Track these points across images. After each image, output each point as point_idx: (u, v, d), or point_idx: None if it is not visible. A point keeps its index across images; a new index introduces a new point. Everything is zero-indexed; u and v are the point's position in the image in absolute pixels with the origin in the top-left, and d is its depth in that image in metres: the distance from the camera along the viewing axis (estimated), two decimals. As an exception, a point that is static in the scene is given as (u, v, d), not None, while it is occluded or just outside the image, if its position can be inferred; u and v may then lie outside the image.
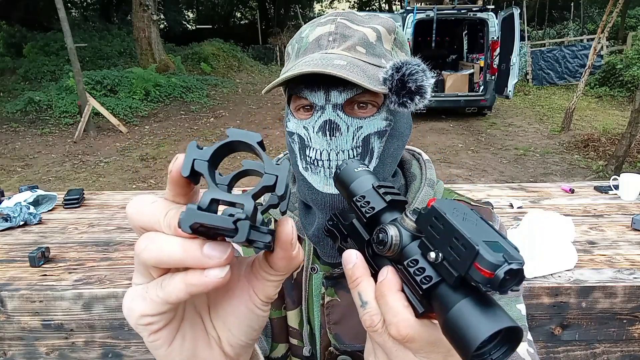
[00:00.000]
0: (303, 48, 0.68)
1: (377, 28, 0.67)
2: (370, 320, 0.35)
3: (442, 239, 0.32)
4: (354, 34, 0.66)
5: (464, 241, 0.30)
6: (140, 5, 12.17)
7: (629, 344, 1.64)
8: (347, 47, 0.64)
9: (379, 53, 0.66)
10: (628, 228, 2.02)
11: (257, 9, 23.56)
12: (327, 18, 0.69)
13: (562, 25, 17.95)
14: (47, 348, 1.66)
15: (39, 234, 2.12)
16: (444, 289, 0.32)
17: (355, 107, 0.65)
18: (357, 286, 0.36)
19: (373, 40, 0.66)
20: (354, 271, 0.37)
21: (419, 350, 0.35)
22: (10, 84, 11.89)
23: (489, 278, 0.29)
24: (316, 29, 0.68)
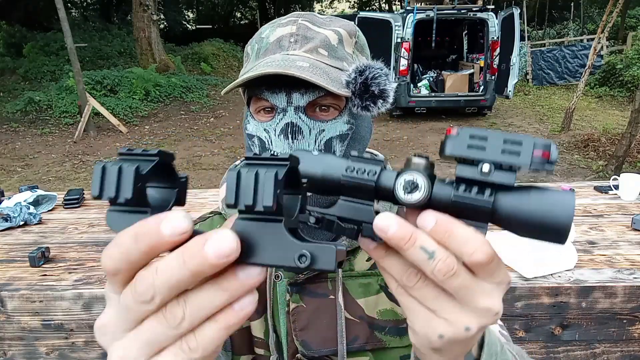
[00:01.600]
0: (263, 49, 0.66)
1: (338, 31, 0.67)
2: (446, 265, 0.31)
3: (490, 149, 0.31)
4: (315, 35, 0.65)
5: (515, 138, 0.31)
6: (140, 5, 12.17)
7: (629, 344, 1.64)
8: (309, 49, 0.64)
9: (341, 56, 0.65)
10: (628, 228, 2.02)
11: (257, 9, 23.57)
12: (288, 19, 0.68)
13: (562, 25, 17.95)
14: (47, 348, 1.66)
15: (39, 234, 2.12)
16: (506, 196, 0.32)
17: (317, 109, 0.64)
18: (415, 241, 0.32)
19: (335, 43, 0.66)
20: (403, 228, 0.32)
21: (494, 269, 0.33)
22: (10, 84, 11.89)
23: (547, 159, 0.31)
24: (277, 29, 0.67)
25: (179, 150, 7.40)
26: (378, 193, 0.34)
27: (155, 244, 0.26)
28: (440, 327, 0.34)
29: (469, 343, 0.37)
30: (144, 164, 0.28)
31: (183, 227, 0.26)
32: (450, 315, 0.33)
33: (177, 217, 0.26)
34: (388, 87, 0.59)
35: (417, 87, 9.19)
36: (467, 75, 9.21)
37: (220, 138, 8.04)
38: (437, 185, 0.33)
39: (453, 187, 0.33)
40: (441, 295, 0.33)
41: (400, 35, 8.34)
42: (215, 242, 0.25)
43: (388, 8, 24.81)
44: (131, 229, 0.26)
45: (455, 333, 0.34)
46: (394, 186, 0.33)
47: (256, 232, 0.28)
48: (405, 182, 0.33)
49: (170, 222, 0.26)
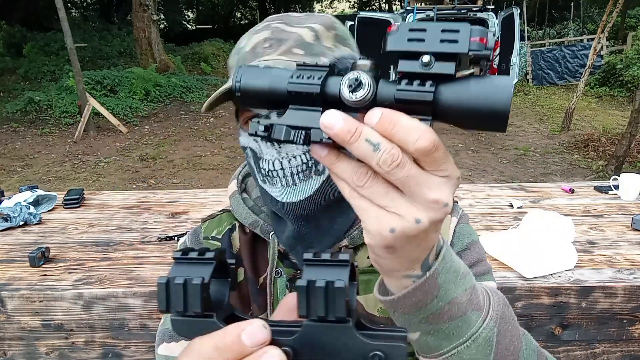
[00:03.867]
0: (241, 59, 0.66)
1: (313, 27, 0.66)
2: (391, 155, 0.32)
3: (429, 40, 0.32)
4: (289, 36, 0.65)
5: (452, 27, 0.31)
6: (140, 5, 12.17)
7: (629, 344, 1.64)
8: (284, 51, 0.63)
9: (318, 52, 0.65)
10: (628, 228, 2.02)
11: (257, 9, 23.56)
12: (263, 24, 0.68)
13: (562, 25, 17.94)
14: (47, 348, 1.66)
15: (39, 234, 2.12)
16: (447, 86, 0.32)
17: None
18: (360, 134, 0.32)
19: (310, 40, 0.65)
20: (348, 122, 0.32)
21: (440, 160, 0.33)
22: (10, 84, 11.89)
23: (484, 44, 0.31)
24: (252, 37, 0.67)
25: (179, 150, 7.40)
26: (325, 97, 0.34)
27: (238, 355, 0.28)
28: (391, 222, 0.35)
29: (421, 242, 0.38)
30: (204, 268, 0.29)
31: (263, 338, 0.28)
32: (400, 209, 0.34)
33: (257, 329, 0.28)
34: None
35: (417, 87, 9.18)
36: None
37: (220, 138, 8.04)
38: (381, 84, 0.34)
39: (396, 84, 0.33)
40: (391, 190, 0.34)
41: (400, 35, 8.34)
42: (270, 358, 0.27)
43: (388, 8, 24.80)
44: (211, 341, 0.29)
45: (406, 226, 0.34)
46: (339, 87, 0.33)
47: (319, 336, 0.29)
48: (349, 79, 0.33)
49: (251, 334, 0.28)
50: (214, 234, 0.80)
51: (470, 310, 0.46)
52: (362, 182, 0.34)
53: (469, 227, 0.78)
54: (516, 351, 0.50)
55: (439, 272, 0.43)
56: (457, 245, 0.76)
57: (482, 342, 0.46)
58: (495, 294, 0.51)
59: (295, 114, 0.35)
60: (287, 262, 0.75)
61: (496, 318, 0.48)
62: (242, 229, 0.79)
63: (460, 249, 0.75)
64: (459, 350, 0.46)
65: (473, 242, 0.77)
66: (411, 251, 0.39)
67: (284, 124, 0.34)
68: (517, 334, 0.51)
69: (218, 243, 0.78)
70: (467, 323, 0.45)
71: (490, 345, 0.47)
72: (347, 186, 0.36)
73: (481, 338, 0.46)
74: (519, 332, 0.52)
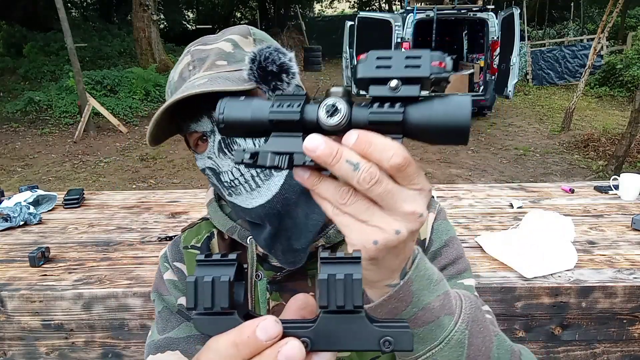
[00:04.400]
0: (173, 90, 0.69)
1: (230, 38, 0.69)
2: (369, 173, 0.35)
3: (395, 67, 0.35)
4: (209, 53, 0.67)
5: (414, 53, 0.35)
6: (140, 5, 12.17)
7: (629, 344, 1.64)
8: (207, 67, 0.65)
9: (241, 58, 0.66)
10: (628, 228, 2.02)
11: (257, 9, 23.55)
12: (184, 54, 0.71)
13: (562, 25, 17.94)
14: (47, 348, 1.66)
15: (39, 234, 2.12)
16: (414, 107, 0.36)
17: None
18: (341, 156, 0.35)
19: (230, 50, 0.67)
20: (330, 145, 0.34)
21: (413, 174, 0.36)
22: (10, 84, 11.89)
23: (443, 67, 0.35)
24: (177, 67, 0.70)
25: (179, 150, 7.40)
26: (304, 123, 0.36)
27: (255, 350, 0.30)
28: (374, 235, 0.37)
29: (400, 252, 0.41)
30: (227, 269, 0.32)
31: (276, 332, 0.30)
32: (381, 223, 0.37)
33: (270, 324, 0.30)
34: (285, 59, 0.59)
35: (417, 87, 9.17)
36: (467, 76, 9.20)
37: (220, 138, 8.03)
38: (355, 108, 0.36)
39: (369, 108, 0.36)
40: (371, 206, 0.37)
41: (400, 35, 8.34)
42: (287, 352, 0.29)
43: (388, 8, 24.79)
44: (230, 338, 0.30)
45: (387, 238, 0.37)
46: (317, 113, 0.36)
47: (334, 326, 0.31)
48: (326, 106, 0.36)
49: (265, 329, 0.29)
50: (192, 242, 0.80)
51: (443, 315, 0.48)
52: (344, 200, 0.37)
53: (447, 223, 0.79)
54: (487, 351, 0.53)
55: (412, 280, 0.46)
56: (436, 242, 0.76)
57: (455, 344, 0.49)
58: (467, 298, 0.54)
59: (278, 140, 0.37)
60: (266, 265, 0.75)
61: (467, 321, 0.50)
62: (221, 235, 0.79)
63: (439, 245, 0.75)
64: (433, 353, 0.49)
65: (452, 238, 0.77)
66: (392, 261, 0.42)
67: (268, 150, 0.37)
68: (488, 335, 0.53)
69: (197, 252, 0.79)
70: (440, 327, 0.48)
71: (462, 347, 0.50)
72: (329, 205, 0.38)
73: (453, 340, 0.49)
74: (490, 333, 0.54)
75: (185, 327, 0.76)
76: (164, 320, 0.78)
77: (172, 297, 0.78)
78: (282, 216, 0.67)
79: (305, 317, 0.33)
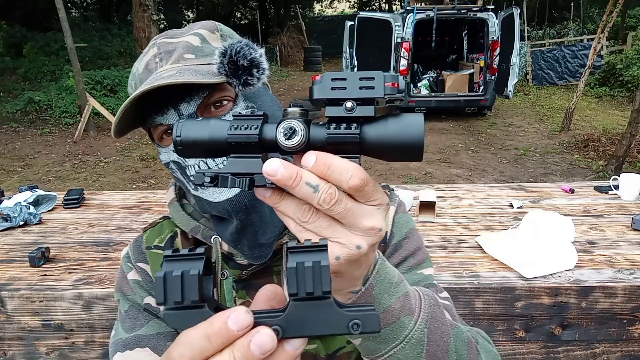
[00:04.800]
0: (138, 82, 0.68)
1: (198, 32, 0.69)
2: (329, 195, 0.36)
3: (350, 88, 0.36)
4: (176, 46, 0.67)
5: (368, 75, 0.36)
6: (140, 5, 12.15)
7: (629, 344, 1.64)
8: (175, 60, 0.65)
9: (209, 52, 0.67)
10: (628, 228, 2.02)
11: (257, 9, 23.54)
12: (149, 45, 0.70)
13: (562, 25, 17.92)
14: (47, 348, 1.66)
15: (39, 234, 2.12)
16: (370, 126, 0.37)
17: (211, 109, 0.66)
18: (301, 179, 0.36)
19: (198, 44, 0.67)
20: (289, 169, 0.35)
21: (371, 192, 0.38)
22: (10, 84, 11.88)
23: (397, 87, 0.36)
24: (142, 58, 0.69)
25: (179, 150, 7.40)
26: (263, 144, 0.37)
27: (226, 341, 0.30)
28: (336, 250, 0.39)
29: (362, 264, 0.42)
30: (196, 263, 0.32)
31: (247, 322, 0.30)
32: (342, 239, 0.38)
33: (241, 314, 0.30)
34: (255, 55, 0.59)
35: (417, 87, 9.19)
36: (467, 75, 9.20)
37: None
38: (312, 128, 0.37)
39: (326, 128, 0.37)
40: (333, 223, 0.38)
41: (400, 35, 8.34)
42: (259, 340, 0.30)
43: (388, 8, 24.78)
44: (200, 330, 0.30)
45: (349, 253, 0.39)
46: (275, 135, 0.37)
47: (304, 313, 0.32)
48: (284, 129, 0.37)
49: (236, 319, 0.30)
50: (156, 242, 0.79)
51: (403, 315, 0.51)
52: (306, 218, 0.38)
53: (406, 215, 0.81)
54: (446, 346, 0.56)
55: (374, 285, 0.48)
56: (397, 234, 0.78)
57: (415, 342, 0.52)
58: (426, 296, 0.56)
59: (237, 162, 0.38)
60: (232, 264, 0.75)
61: (426, 319, 0.53)
62: (184, 235, 0.79)
63: (400, 237, 0.77)
64: (395, 351, 0.51)
65: (411, 230, 0.79)
66: (354, 272, 0.43)
67: (228, 172, 0.37)
68: (446, 331, 0.56)
69: (161, 251, 0.78)
70: (401, 327, 0.51)
71: (422, 344, 0.53)
72: (292, 222, 0.39)
73: (414, 339, 0.52)
74: (448, 328, 0.57)
75: (154, 325, 0.75)
76: (132, 319, 0.76)
77: (137, 297, 0.77)
78: (249, 210, 0.67)
79: (275, 307, 0.34)
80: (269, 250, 0.70)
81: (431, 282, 0.75)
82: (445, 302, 0.69)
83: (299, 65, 17.16)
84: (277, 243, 0.73)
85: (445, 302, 0.68)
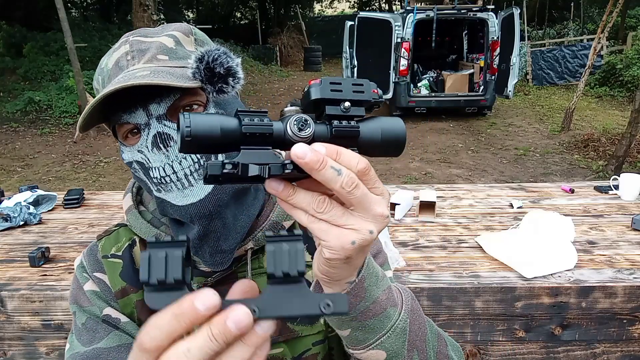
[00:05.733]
0: (106, 78, 0.67)
1: (172, 34, 0.68)
2: (350, 178, 0.39)
3: (345, 91, 0.41)
4: (150, 45, 0.66)
5: (358, 81, 0.42)
6: (140, 5, 12.15)
7: (629, 344, 1.64)
8: (148, 59, 0.64)
9: (183, 55, 0.66)
10: (628, 228, 2.02)
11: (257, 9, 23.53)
12: (121, 41, 0.69)
13: (562, 25, 17.92)
14: (47, 348, 1.66)
15: (39, 234, 2.12)
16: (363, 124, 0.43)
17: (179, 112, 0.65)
18: (327, 162, 0.38)
19: (172, 46, 0.66)
20: (316, 153, 0.38)
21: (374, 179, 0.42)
22: (10, 84, 11.88)
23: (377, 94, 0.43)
24: (112, 54, 0.68)
25: (179, 150, 7.40)
26: (273, 138, 0.40)
27: (194, 320, 0.31)
28: (351, 236, 0.41)
29: (367, 250, 0.46)
30: (178, 248, 0.34)
31: (214, 303, 0.31)
32: (355, 225, 0.41)
33: (208, 295, 0.31)
34: (232, 64, 0.60)
35: (417, 87, 9.18)
36: (467, 75, 9.20)
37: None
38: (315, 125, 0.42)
39: (326, 124, 0.41)
40: (346, 212, 0.41)
41: (400, 35, 8.33)
42: (235, 317, 0.31)
43: (388, 8, 24.78)
44: (168, 311, 0.31)
45: (363, 237, 0.42)
46: (286, 127, 0.40)
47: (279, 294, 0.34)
48: (297, 120, 0.40)
49: (203, 300, 0.31)
50: (112, 251, 0.77)
51: (389, 307, 0.55)
52: (321, 209, 0.40)
53: None
54: (423, 336, 0.60)
55: (365, 277, 0.51)
56: None
57: (399, 332, 0.56)
58: (405, 290, 0.61)
59: (250, 153, 0.39)
60: (196, 272, 0.73)
61: (408, 310, 0.58)
62: (143, 243, 0.77)
63: None
64: (382, 341, 0.55)
65: None
66: (359, 259, 0.46)
67: (248, 162, 0.39)
68: (423, 322, 0.61)
69: (119, 260, 0.76)
70: (387, 318, 0.54)
71: (405, 333, 0.57)
72: (304, 214, 0.41)
73: (398, 329, 0.56)
74: (424, 320, 0.61)
75: (115, 337, 0.71)
76: (90, 331, 0.72)
77: (95, 308, 0.74)
78: (212, 217, 0.66)
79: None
80: (229, 257, 0.69)
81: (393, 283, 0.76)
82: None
83: (299, 65, 17.17)
84: (242, 249, 0.72)
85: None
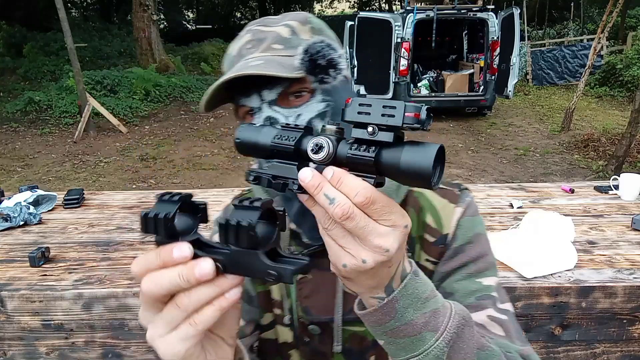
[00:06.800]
0: (230, 63, 0.73)
1: (289, 23, 0.73)
2: (342, 209, 0.40)
3: (373, 114, 0.41)
4: (267, 35, 0.71)
5: (391, 104, 0.41)
6: (140, 5, 12.16)
7: (629, 344, 1.64)
8: (264, 49, 0.70)
9: (296, 44, 0.69)
10: (628, 228, 2.02)
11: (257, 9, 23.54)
12: (245, 30, 0.75)
13: (562, 25, 17.92)
14: (47, 348, 1.66)
15: (39, 234, 2.12)
16: (387, 151, 0.41)
17: (290, 98, 0.70)
18: (321, 189, 0.41)
19: (287, 35, 0.71)
20: (315, 179, 0.41)
21: (381, 211, 0.42)
22: (10, 84, 11.88)
23: (417, 118, 0.40)
24: (237, 42, 0.74)
25: (179, 150, 7.40)
26: (298, 154, 0.44)
27: (169, 261, 0.41)
28: (344, 259, 0.44)
29: (375, 275, 0.46)
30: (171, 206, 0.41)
31: (185, 254, 0.41)
32: (352, 250, 0.43)
33: (183, 247, 0.41)
34: (334, 56, 0.63)
35: (417, 87, 9.19)
36: (467, 75, 9.20)
37: (220, 138, 8.04)
38: (341, 144, 0.43)
39: (350, 146, 0.43)
40: (347, 235, 0.43)
41: (400, 35, 8.34)
42: (201, 268, 0.41)
43: (388, 8, 24.78)
44: (155, 251, 0.42)
45: (355, 264, 0.43)
46: (306, 148, 0.43)
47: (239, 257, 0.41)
48: (313, 144, 0.43)
49: (179, 250, 0.41)
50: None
51: (425, 331, 0.52)
52: (326, 225, 0.43)
53: (475, 219, 0.79)
54: None
55: (397, 298, 0.50)
56: (459, 238, 0.76)
57: (432, 358, 0.53)
58: (458, 315, 0.55)
59: (277, 166, 0.45)
60: (297, 242, 0.79)
61: (450, 338, 0.53)
62: None
63: (462, 242, 0.76)
64: None
65: (478, 235, 0.78)
66: (366, 281, 0.47)
67: (269, 174, 0.45)
68: (470, 352, 0.56)
69: None
70: (421, 341, 0.52)
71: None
72: (320, 225, 0.45)
73: (432, 355, 0.53)
74: (472, 350, 0.56)
75: None
76: None
77: None
78: None
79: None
80: None
81: (488, 294, 0.74)
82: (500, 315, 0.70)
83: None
84: None
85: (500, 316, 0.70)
